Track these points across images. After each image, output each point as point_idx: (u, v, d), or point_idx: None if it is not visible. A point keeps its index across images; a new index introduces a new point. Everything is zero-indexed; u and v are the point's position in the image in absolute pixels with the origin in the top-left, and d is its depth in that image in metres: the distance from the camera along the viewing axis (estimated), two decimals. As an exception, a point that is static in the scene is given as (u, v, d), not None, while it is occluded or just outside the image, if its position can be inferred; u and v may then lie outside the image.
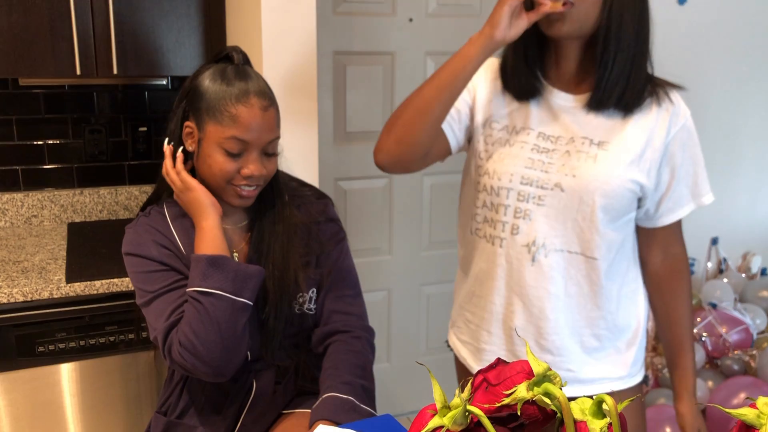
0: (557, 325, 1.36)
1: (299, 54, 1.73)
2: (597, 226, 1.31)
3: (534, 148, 1.34)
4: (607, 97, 1.30)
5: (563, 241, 1.33)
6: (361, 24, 2.42)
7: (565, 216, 1.32)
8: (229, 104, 1.26)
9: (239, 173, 1.28)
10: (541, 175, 1.32)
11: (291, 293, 1.37)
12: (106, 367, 1.83)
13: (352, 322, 1.42)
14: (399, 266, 2.69)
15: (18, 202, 2.20)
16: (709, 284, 2.89)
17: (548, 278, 1.34)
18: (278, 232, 1.38)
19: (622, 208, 1.32)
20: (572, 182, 1.30)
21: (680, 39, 2.73)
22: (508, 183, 1.34)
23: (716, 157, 2.93)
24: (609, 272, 1.35)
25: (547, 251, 1.34)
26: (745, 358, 2.66)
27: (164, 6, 1.91)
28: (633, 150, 1.31)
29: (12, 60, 1.81)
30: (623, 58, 1.27)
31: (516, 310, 1.38)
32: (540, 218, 1.33)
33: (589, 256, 1.33)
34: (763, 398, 0.68)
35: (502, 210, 1.36)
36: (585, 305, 1.37)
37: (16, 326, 1.72)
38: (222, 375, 1.26)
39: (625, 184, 1.30)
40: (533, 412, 0.69)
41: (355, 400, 1.29)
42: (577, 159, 1.31)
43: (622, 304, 1.39)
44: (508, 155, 1.35)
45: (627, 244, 1.38)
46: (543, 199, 1.32)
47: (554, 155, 1.33)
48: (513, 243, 1.35)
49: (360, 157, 2.53)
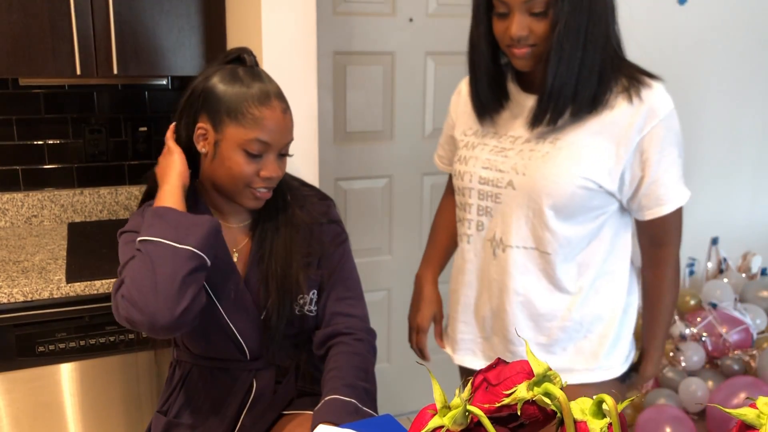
0: (516, 318, 1.40)
1: (299, 54, 1.73)
2: (546, 222, 1.33)
3: (493, 149, 1.39)
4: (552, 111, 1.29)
5: (519, 237, 1.36)
6: (361, 24, 2.42)
7: (518, 213, 1.35)
8: (252, 106, 1.27)
9: (258, 175, 1.30)
10: (497, 175, 1.37)
11: (292, 294, 1.37)
12: (106, 367, 1.83)
13: (354, 324, 1.42)
14: (399, 266, 2.69)
15: (18, 202, 2.20)
16: (709, 284, 2.89)
17: (507, 273, 1.39)
18: (281, 232, 1.38)
19: (574, 206, 1.31)
20: (522, 180, 1.33)
21: (680, 39, 2.73)
22: (469, 183, 1.41)
23: (716, 157, 2.93)
24: (566, 266, 1.36)
25: (504, 246, 1.38)
26: (745, 358, 2.66)
27: (164, 6, 1.91)
28: (589, 147, 1.29)
29: (12, 60, 1.81)
30: (564, 71, 1.25)
31: (484, 301, 1.45)
32: (498, 215, 1.38)
33: (542, 251, 1.36)
34: (763, 398, 0.68)
35: (468, 208, 1.43)
36: (548, 299, 1.38)
37: (16, 326, 1.72)
38: (158, 326, 1.17)
39: (574, 182, 1.29)
40: (533, 412, 0.69)
41: (358, 402, 1.29)
42: (529, 158, 1.33)
43: (590, 295, 1.38)
44: (471, 157, 1.41)
45: (599, 236, 1.36)
46: (499, 197, 1.37)
47: (510, 154, 1.36)
48: (478, 238, 1.43)
49: (360, 157, 2.53)
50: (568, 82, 1.26)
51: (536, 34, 1.25)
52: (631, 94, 1.29)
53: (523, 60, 1.29)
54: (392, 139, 2.57)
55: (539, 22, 1.24)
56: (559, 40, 1.23)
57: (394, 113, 2.55)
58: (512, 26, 1.25)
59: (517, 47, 1.27)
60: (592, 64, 1.26)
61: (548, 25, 1.24)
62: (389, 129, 2.56)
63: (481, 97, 1.39)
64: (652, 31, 2.63)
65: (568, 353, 1.41)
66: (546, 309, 1.38)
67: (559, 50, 1.24)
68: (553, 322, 1.39)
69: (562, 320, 1.39)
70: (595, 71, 1.27)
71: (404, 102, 2.55)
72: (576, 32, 1.23)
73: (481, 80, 1.38)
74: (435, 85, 2.57)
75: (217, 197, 1.37)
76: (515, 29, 1.24)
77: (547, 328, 1.40)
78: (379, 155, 2.56)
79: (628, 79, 1.30)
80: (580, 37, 1.24)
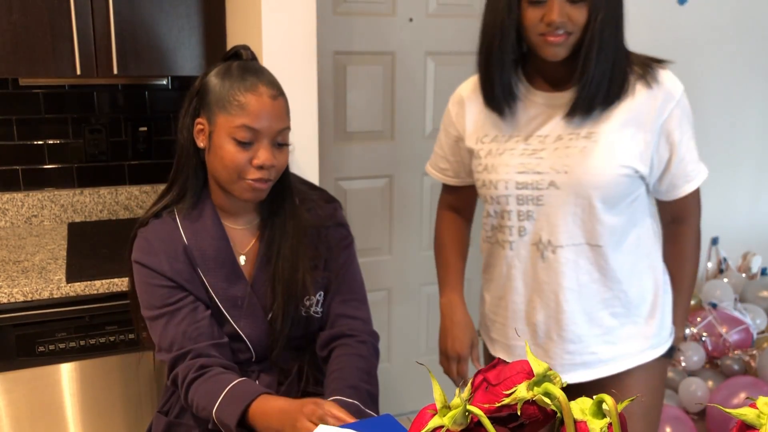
0: (574, 315, 1.40)
1: (299, 54, 1.73)
2: (597, 215, 1.34)
3: (523, 152, 1.37)
4: (589, 101, 1.31)
5: (567, 236, 1.36)
6: (361, 24, 2.42)
7: (565, 211, 1.35)
8: (238, 93, 1.26)
9: (251, 164, 1.28)
10: (535, 177, 1.35)
11: (298, 295, 1.38)
12: (106, 367, 1.83)
13: (357, 327, 1.43)
14: (399, 266, 2.69)
15: (18, 202, 2.20)
16: (710, 284, 2.89)
17: (559, 273, 1.38)
18: (289, 234, 1.38)
19: (619, 195, 1.34)
20: (565, 178, 1.33)
21: (680, 39, 2.73)
22: (504, 190, 1.38)
23: (716, 157, 2.92)
24: (616, 255, 1.38)
25: (553, 248, 1.37)
26: (745, 358, 2.66)
27: (164, 6, 1.91)
28: (623, 135, 1.32)
29: (12, 60, 1.81)
30: (604, 58, 1.28)
31: (536, 307, 1.42)
32: (542, 217, 1.37)
33: (594, 245, 1.36)
34: (763, 398, 0.68)
35: (506, 216, 1.41)
36: (598, 290, 1.39)
37: (16, 326, 1.72)
38: None
39: (618, 171, 1.31)
40: (533, 412, 0.69)
41: (361, 404, 1.29)
42: (567, 155, 1.33)
43: (634, 280, 1.41)
44: (500, 164, 1.39)
45: (635, 221, 1.40)
46: (541, 199, 1.36)
47: (544, 154, 1.35)
48: (522, 244, 1.40)
49: (360, 157, 2.53)
50: (605, 72, 1.28)
51: (574, 21, 1.25)
52: (648, 80, 1.33)
53: (556, 48, 1.28)
54: (392, 139, 2.57)
55: (578, 10, 1.25)
56: (601, 28, 1.25)
57: (394, 113, 2.55)
58: (553, 12, 1.24)
59: (553, 35, 1.26)
60: (622, 54, 1.30)
61: (586, 13, 1.25)
62: (389, 129, 2.56)
63: (504, 88, 1.36)
64: (652, 31, 2.63)
65: (622, 339, 1.43)
66: (599, 300, 1.40)
67: (600, 39, 1.26)
68: (606, 311, 1.41)
69: (615, 308, 1.41)
70: (623, 61, 1.31)
71: (404, 102, 2.55)
72: (615, 20, 1.27)
73: (507, 69, 1.35)
74: (435, 85, 2.57)
75: (223, 197, 1.37)
76: (557, 15, 1.23)
77: (599, 318, 1.41)
78: (379, 155, 2.56)
79: (641, 66, 1.34)
80: (617, 26, 1.27)
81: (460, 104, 1.49)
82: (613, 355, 1.43)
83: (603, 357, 1.43)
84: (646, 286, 1.44)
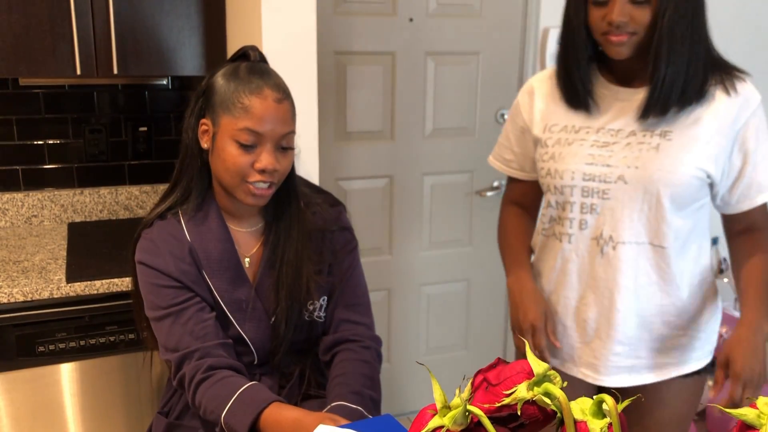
0: (627, 315, 1.38)
1: (299, 54, 1.73)
2: (664, 215, 1.33)
3: (594, 143, 1.36)
4: (664, 102, 1.30)
5: (631, 233, 1.35)
6: (361, 24, 2.42)
7: (631, 207, 1.34)
8: (243, 96, 1.25)
9: (253, 167, 1.27)
10: (604, 170, 1.34)
11: (302, 300, 1.37)
12: (106, 367, 1.83)
13: (361, 332, 1.42)
14: (399, 266, 2.69)
15: (18, 202, 2.20)
16: (710, 284, 2.88)
17: (618, 270, 1.36)
18: (293, 238, 1.37)
19: (689, 196, 1.33)
20: (635, 174, 1.32)
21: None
22: (570, 181, 1.37)
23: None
24: (678, 260, 1.37)
25: (615, 243, 1.36)
26: (745, 358, 2.65)
27: (164, 6, 1.91)
28: (699, 137, 1.31)
29: (12, 60, 1.81)
30: (677, 58, 1.28)
31: (589, 303, 1.41)
32: (606, 211, 1.35)
33: (657, 245, 1.35)
34: (763, 398, 0.68)
35: (568, 207, 1.39)
36: (655, 294, 1.38)
37: (16, 326, 1.72)
38: None
39: (690, 172, 1.31)
40: (533, 412, 0.69)
41: (364, 410, 1.29)
42: (639, 150, 1.32)
43: (694, 289, 1.40)
44: (568, 154, 1.38)
45: (698, 229, 1.39)
46: (607, 192, 1.35)
47: (615, 148, 1.34)
48: (582, 238, 1.39)
49: (360, 157, 2.53)
50: (680, 72, 1.28)
51: (637, 21, 1.26)
52: (727, 87, 1.33)
53: (619, 47, 1.29)
54: (392, 139, 2.57)
55: (641, 10, 1.26)
56: (671, 28, 1.25)
57: (395, 113, 2.55)
58: (613, 12, 1.26)
59: (615, 34, 1.27)
60: (699, 54, 1.29)
61: (650, 14, 1.26)
62: (389, 129, 2.56)
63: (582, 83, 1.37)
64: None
65: (670, 348, 1.41)
66: (655, 304, 1.38)
67: (670, 38, 1.26)
68: (660, 317, 1.39)
69: (669, 315, 1.39)
70: (701, 61, 1.30)
71: (404, 102, 2.55)
72: (686, 20, 1.26)
73: (583, 66, 1.36)
74: (435, 85, 2.57)
75: (228, 200, 1.36)
76: (616, 14, 1.25)
77: (651, 323, 1.39)
78: (379, 155, 2.56)
79: (722, 72, 1.34)
80: (690, 25, 1.27)
81: (530, 94, 1.50)
82: (659, 361, 1.41)
83: (649, 362, 1.41)
84: (703, 297, 1.42)
